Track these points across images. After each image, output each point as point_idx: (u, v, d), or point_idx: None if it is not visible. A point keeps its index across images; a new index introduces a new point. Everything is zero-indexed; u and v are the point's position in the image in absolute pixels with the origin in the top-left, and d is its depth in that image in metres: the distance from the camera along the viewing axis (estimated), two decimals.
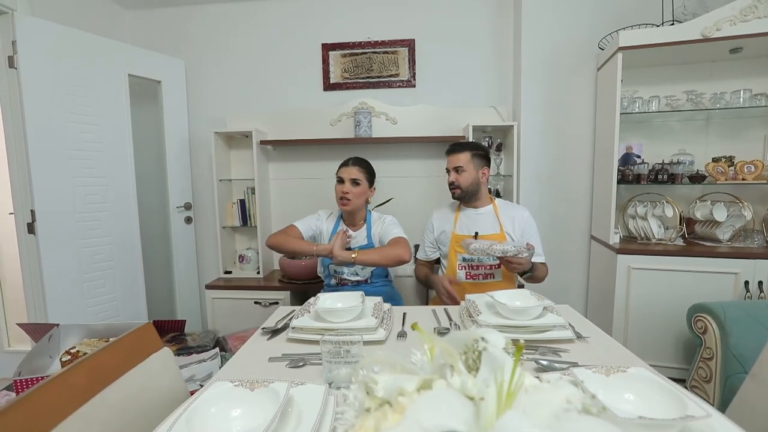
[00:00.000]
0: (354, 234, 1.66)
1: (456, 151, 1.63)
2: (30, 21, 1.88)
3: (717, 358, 1.48)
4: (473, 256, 1.53)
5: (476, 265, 1.59)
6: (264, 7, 2.55)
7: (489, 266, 1.59)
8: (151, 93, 2.46)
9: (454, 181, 1.62)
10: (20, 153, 1.90)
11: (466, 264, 1.60)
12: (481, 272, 1.60)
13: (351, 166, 1.61)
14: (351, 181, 1.58)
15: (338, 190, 1.60)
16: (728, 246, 1.91)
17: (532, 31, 2.28)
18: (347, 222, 1.69)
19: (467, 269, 1.61)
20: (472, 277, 1.60)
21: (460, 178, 1.61)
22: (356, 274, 1.63)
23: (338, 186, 1.60)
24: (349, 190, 1.57)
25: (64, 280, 2.01)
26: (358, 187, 1.59)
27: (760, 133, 2.07)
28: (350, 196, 1.57)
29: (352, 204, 1.58)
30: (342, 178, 1.59)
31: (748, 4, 1.73)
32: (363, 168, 1.63)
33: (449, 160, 1.65)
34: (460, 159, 1.61)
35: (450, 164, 1.64)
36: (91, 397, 0.59)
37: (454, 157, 1.62)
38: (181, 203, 2.56)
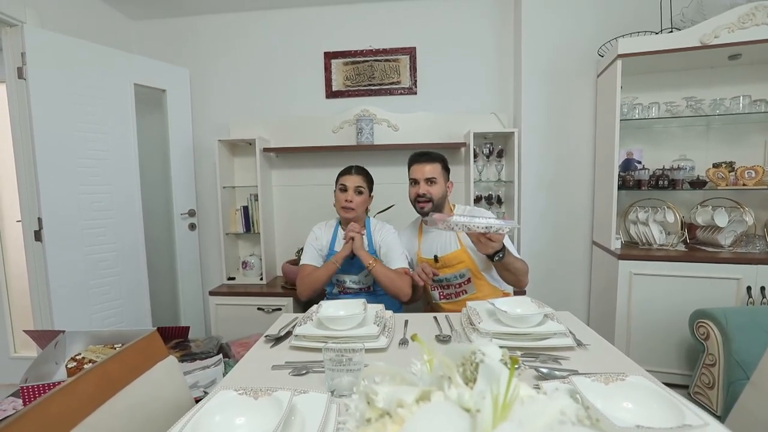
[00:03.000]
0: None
1: (427, 161, 1.53)
2: (39, 33, 1.92)
3: (720, 364, 1.48)
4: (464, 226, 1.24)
5: (446, 285, 1.55)
6: (267, 17, 2.59)
7: (458, 284, 1.54)
8: (156, 101, 2.49)
9: (425, 193, 1.50)
10: (28, 161, 1.93)
11: (437, 285, 1.56)
12: (453, 291, 1.56)
13: (354, 175, 1.62)
14: (355, 189, 1.59)
15: (340, 199, 1.59)
16: (730, 251, 1.91)
17: (533, 39, 2.31)
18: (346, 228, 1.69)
19: (439, 290, 1.58)
20: (445, 297, 1.57)
21: (432, 190, 1.51)
22: (359, 282, 1.63)
23: (340, 194, 1.60)
24: (352, 199, 1.58)
25: (70, 287, 2.03)
26: (361, 195, 1.61)
27: (761, 138, 2.07)
28: (353, 204, 1.58)
29: (355, 212, 1.59)
30: (345, 186, 1.60)
31: (746, 11, 1.75)
32: (365, 177, 1.65)
33: (417, 169, 1.53)
34: (433, 169, 1.51)
35: (419, 174, 1.52)
36: (98, 405, 0.61)
37: (426, 166, 1.52)
38: (185, 210, 2.58)
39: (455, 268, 1.52)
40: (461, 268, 1.51)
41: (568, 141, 2.34)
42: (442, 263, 1.53)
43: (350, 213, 1.58)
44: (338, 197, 1.61)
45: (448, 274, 1.53)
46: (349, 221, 1.62)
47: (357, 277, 1.63)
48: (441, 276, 1.51)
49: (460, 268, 1.51)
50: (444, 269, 1.53)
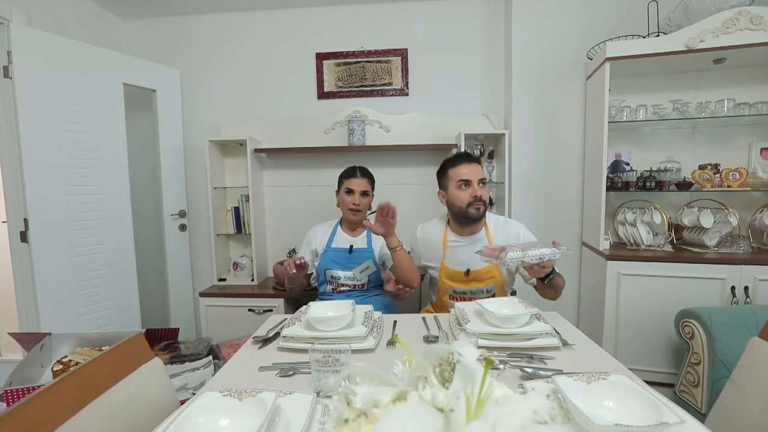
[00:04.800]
0: (354, 239, 1.69)
1: (475, 161, 1.42)
2: (25, 31, 1.89)
3: (704, 362, 1.51)
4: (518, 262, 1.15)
5: (468, 297, 1.44)
6: (259, 17, 2.58)
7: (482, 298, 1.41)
8: (146, 102, 2.47)
9: (479, 196, 1.37)
10: (14, 161, 1.90)
11: (458, 296, 1.46)
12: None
13: (360, 178, 1.66)
14: (361, 192, 1.64)
15: (347, 202, 1.63)
16: (715, 252, 1.94)
17: (523, 41, 2.33)
18: (346, 227, 1.72)
19: (458, 300, 1.46)
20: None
21: (485, 193, 1.39)
22: (354, 278, 1.63)
23: (347, 197, 1.64)
24: (359, 202, 1.63)
25: (57, 289, 2.01)
26: (367, 198, 1.66)
27: (745, 140, 2.12)
28: (361, 207, 1.63)
29: (361, 214, 1.65)
30: (352, 189, 1.63)
31: (730, 16, 1.78)
32: (370, 179, 1.71)
33: (468, 170, 1.39)
34: (481, 171, 1.41)
35: (471, 175, 1.39)
36: (81, 407, 0.60)
37: (477, 167, 1.41)
38: (175, 211, 2.56)
39: (485, 283, 1.43)
40: (490, 283, 1.43)
41: (558, 142, 2.36)
42: (473, 277, 1.43)
43: (358, 215, 1.64)
44: (345, 200, 1.65)
45: (474, 287, 1.43)
46: (356, 222, 1.68)
47: (352, 273, 1.62)
48: (466, 288, 1.43)
49: (489, 283, 1.43)
50: (472, 283, 1.43)
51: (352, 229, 1.72)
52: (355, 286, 1.64)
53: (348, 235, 1.71)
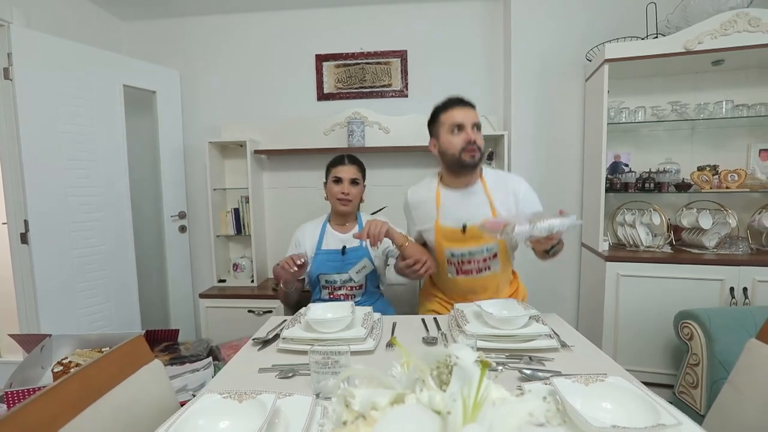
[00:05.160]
0: (345, 237, 1.55)
1: (469, 105, 1.31)
2: (26, 33, 1.90)
3: (703, 364, 1.51)
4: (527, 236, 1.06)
5: (467, 260, 1.34)
6: (258, 19, 2.59)
7: (483, 259, 1.33)
8: (146, 103, 2.48)
9: (475, 141, 1.27)
10: (14, 163, 1.91)
11: (456, 260, 1.35)
12: (475, 266, 1.34)
13: (349, 165, 1.53)
14: (350, 181, 1.50)
15: (335, 191, 1.50)
16: (714, 253, 1.95)
17: (522, 43, 2.33)
18: (336, 222, 1.60)
19: (457, 265, 1.36)
20: (464, 273, 1.36)
21: (479, 139, 1.29)
22: (350, 280, 1.53)
23: (335, 186, 1.51)
24: (349, 191, 1.50)
25: (57, 290, 2.01)
26: (357, 186, 1.53)
27: (743, 142, 2.12)
28: (351, 197, 1.50)
29: (352, 205, 1.52)
30: (340, 178, 1.50)
31: (728, 18, 1.79)
32: (359, 167, 1.57)
33: (462, 113, 1.29)
34: (476, 115, 1.30)
35: (465, 118, 1.28)
36: (83, 409, 0.60)
37: (471, 111, 1.30)
38: (175, 212, 2.56)
39: (483, 241, 1.30)
40: (491, 241, 1.31)
41: (557, 143, 2.37)
42: (469, 235, 1.30)
43: (347, 205, 1.51)
44: (332, 190, 1.51)
45: (473, 247, 1.31)
46: (346, 214, 1.55)
47: (348, 275, 1.51)
48: (464, 249, 1.32)
49: (489, 241, 1.30)
50: (470, 241, 1.31)
51: (342, 224, 1.58)
52: (352, 288, 1.54)
53: (338, 233, 1.57)
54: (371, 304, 1.54)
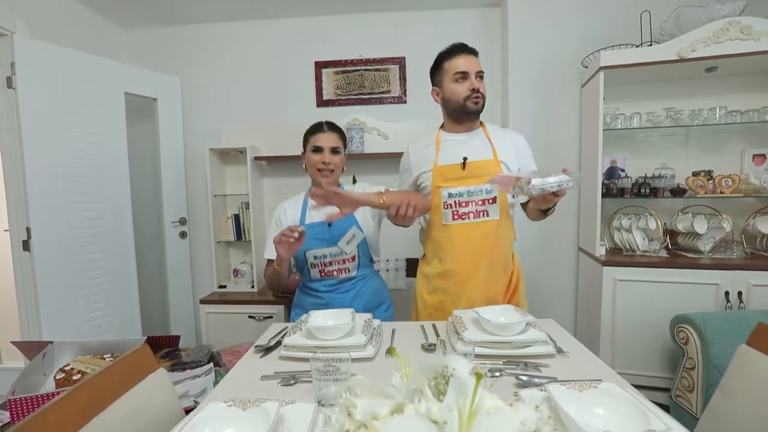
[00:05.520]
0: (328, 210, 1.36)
1: (473, 52, 1.30)
2: (29, 43, 1.92)
3: (698, 368, 1.53)
4: (540, 189, 1.06)
5: (465, 202, 1.29)
6: (258, 27, 2.62)
7: (482, 201, 1.28)
8: (147, 110, 2.50)
9: (478, 89, 1.27)
10: (16, 171, 1.93)
11: (453, 201, 1.30)
12: (472, 210, 1.30)
13: (328, 132, 1.41)
14: (331, 150, 1.39)
15: (315, 161, 1.38)
16: (709, 257, 1.97)
17: (519, 49, 2.37)
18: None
19: (454, 207, 1.30)
20: (460, 217, 1.31)
21: (482, 87, 1.28)
22: (342, 253, 1.39)
23: (314, 156, 1.39)
24: (330, 160, 1.37)
25: (59, 297, 2.02)
26: (338, 155, 1.41)
27: (737, 147, 2.15)
28: (332, 166, 1.38)
29: (334, 176, 1.41)
30: (320, 146, 1.38)
31: (720, 26, 1.82)
32: (339, 134, 1.44)
33: (466, 62, 1.27)
34: (479, 63, 1.29)
35: (469, 66, 1.27)
36: (92, 418, 0.62)
37: (473, 59, 1.29)
38: (175, 218, 2.58)
39: (482, 180, 1.27)
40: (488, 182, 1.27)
41: (555, 148, 2.39)
42: (469, 171, 1.28)
43: (329, 176, 1.39)
44: (312, 160, 1.39)
45: (471, 186, 1.28)
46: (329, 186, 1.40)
47: (338, 247, 1.39)
48: (463, 189, 1.28)
49: (486, 181, 1.27)
50: (469, 180, 1.28)
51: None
52: (344, 261, 1.41)
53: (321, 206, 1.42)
54: (366, 280, 1.47)
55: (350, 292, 1.44)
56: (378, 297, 1.51)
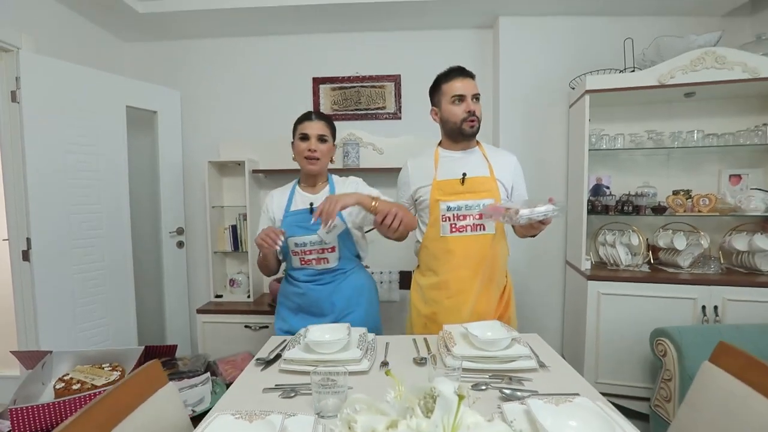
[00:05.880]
0: (315, 197, 1.45)
1: (470, 75, 1.37)
2: (34, 58, 1.97)
3: (675, 379, 1.61)
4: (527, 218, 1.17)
5: (463, 216, 1.37)
6: (258, 43, 2.69)
7: (479, 215, 1.36)
8: (147, 122, 2.55)
9: (474, 111, 1.35)
10: (18, 182, 1.96)
11: (452, 214, 1.37)
12: (469, 223, 1.37)
13: (316, 120, 1.41)
14: (318, 137, 1.39)
15: (302, 149, 1.39)
16: (688, 272, 2.07)
17: (510, 69, 2.47)
18: (306, 184, 1.49)
19: (452, 220, 1.37)
20: (458, 230, 1.38)
21: (478, 109, 1.37)
22: (321, 242, 1.41)
23: (301, 144, 1.39)
24: (316, 148, 1.38)
25: (57, 307, 2.05)
26: (325, 144, 1.41)
27: (715, 167, 2.27)
28: (318, 154, 1.39)
29: (321, 164, 1.41)
30: (307, 134, 1.39)
31: (697, 56, 1.94)
32: (327, 122, 1.45)
33: (462, 85, 1.35)
34: (476, 85, 1.37)
35: (465, 90, 1.35)
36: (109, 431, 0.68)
37: (470, 82, 1.36)
38: (173, 228, 2.62)
39: (480, 195, 1.36)
40: (486, 197, 1.36)
41: (543, 166, 2.49)
42: (468, 187, 1.36)
43: (316, 164, 1.40)
44: (299, 147, 1.40)
45: (470, 200, 1.36)
46: (314, 174, 1.44)
47: (317, 235, 1.40)
48: (461, 202, 1.36)
49: (486, 196, 1.36)
50: (467, 194, 1.36)
51: (312, 185, 1.48)
52: (323, 250, 1.42)
53: (308, 194, 1.47)
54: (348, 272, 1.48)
55: (329, 285, 1.45)
56: (360, 294, 1.49)
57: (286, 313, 1.53)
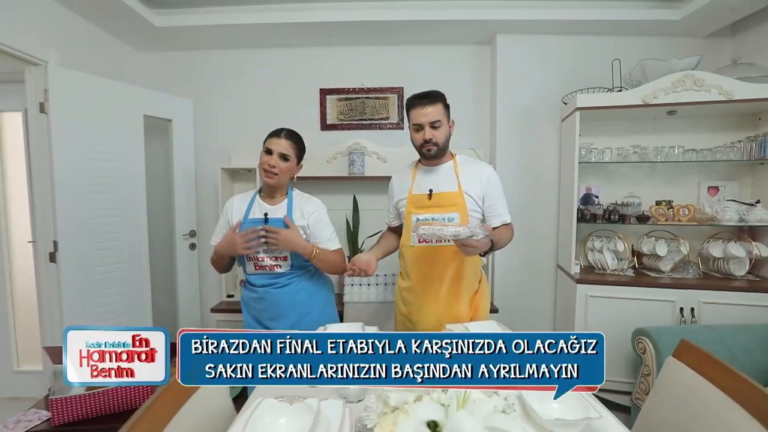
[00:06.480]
0: (272, 208, 1.55)
1: (429, 102, 1.44)
2: (60, 71, 2.09)
3: (653, 374, 1.78)
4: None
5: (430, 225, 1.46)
6: (268, 54, 2.83)
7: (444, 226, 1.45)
8: (161, 129, 2.68)
9: (431, 138, 1.44)
10: (45, 188, 2.08)
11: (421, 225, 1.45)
12: None
13: (283, 139, 1.50)
14: (280, 155, 1.49)
15: (263, 161, 1.49)
16: (669, 276, 2.24)
17: (506, 84, 2.64)
18: (265, 194, 1.59)
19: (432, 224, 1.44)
20: (424, 240, 1.49)
21: (438, 135, 1.45)
22: (273, 251, 1.51)
23: (265, 156, 1.49)
24: (276, 164, 1.48)
25: (82, 305, 2.18)
26: (286, 162, 1.50)
27: (695, 179, 2.45)
28: (277, 170, 1.48)
29: (278, 179, 1.50)
30: (271, 149, 1.49)
31: (678, 78, 2.11)
32: (295, 143, 1.54)
33: (421, 113, 1.44)
34: (435, 111, 1.44)
35: (424, 118, 1.44)
36: (168, 421, 0.82)
37: (428, 108, 1.44)
38: (186, 231, 2.75)
39: (446, 209, 1.47)
40: (452, 211, 1.47)
41: (537, 176, 2.66)
42: (435, 201, 1.49)
43: (272, 178, 1.49)
44: (262, 159, 1.50)
45: (435, 213, 1.47)
46: (272, 187, 1.54)
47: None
48: (428, 215, 1.47)
49: (451, 210, 1.46)
50: (434, 208, 1.48)
51: (271, 197, 1.58)
52: (276, 258, 1.51)
53: (266, 204, 1.56)
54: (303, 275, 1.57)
55: (287, 287, 1.55)
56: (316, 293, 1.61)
57: (249, 319, 1.63)
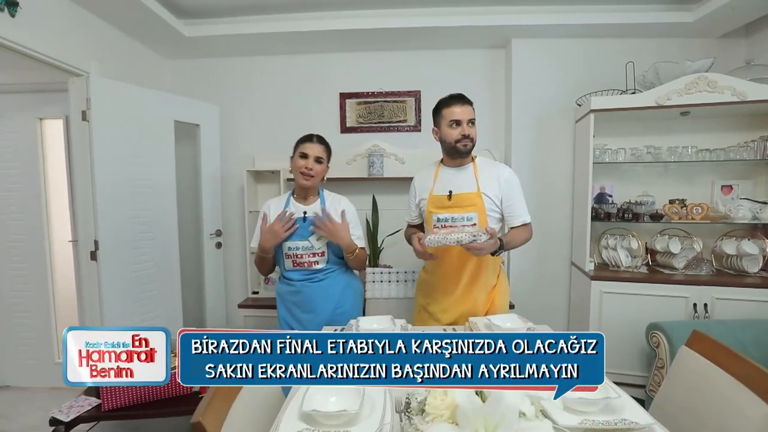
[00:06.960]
0: (307, 208, 1.68)
1: (467, 102, 1.57)
2: (101, 81, 2.23)
3: (667, 367, 1.85)
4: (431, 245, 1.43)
5: (450, 226, 1.55)
6: (290, 61, 2.94)
7: (463, 225, 1.54)
8: (189, 134, 2.81)
9: (468, 134, 1.54)
10: (87, 191, 2.22)
11: (441, 224, 1.58)
12: None
13: (316, 143, 1.66)
14: (315, 158, 1.63)
15: (300, 165, 1.62)
16: (682, 273, 2.30)
17: (521, 86, 2.71)
18: (299, 196, 1.72)
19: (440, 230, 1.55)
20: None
21: (473, 132, 1.56)
22: (311, 247, 1.64)
23: (300, 161, 1.62)
24: (312, 167, 1.62)
25: (119, 302, 2.31)
26: (320, 165, 1.65)
27: (708, 178, 2.49)
28: (313, 172, 1.62)
29: (314, 181, 1.64)
30: (306, 153, 1.62)
31: (692, 80, 2.16)
32: (325, 147, 1.69)
33: (460, 111, 1.54)
34: (472, 111, 1.56)
35: (462, 115, 1.53)
36: (231, 403, 0.93)
37: (467, 108, 1.56)
38: (212, 230, 2.88)
39: (465, 209, 1.55)
40: (471, 211, 1.54)
41: (551, 176, 2.73)
42: (454, 202, 1.57)
43: (309, 180, 1.63)
44: (297, 163, 1.63)
45: (456, 213, 1.55)
46: (307, 188, 1.67)
47: (308, 241, 1.63)
48: (448, 215, 1.55)
49: (470, 210, 1.54)
50: (454, 208, 1.56)
51: (305, 198, 1.71)
52: (314, 254, 1.65)
53: (301, 205, 1.69)
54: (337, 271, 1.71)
55: (323, 282, 1.68)
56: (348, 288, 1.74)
57: (284, 312, 1.76)
